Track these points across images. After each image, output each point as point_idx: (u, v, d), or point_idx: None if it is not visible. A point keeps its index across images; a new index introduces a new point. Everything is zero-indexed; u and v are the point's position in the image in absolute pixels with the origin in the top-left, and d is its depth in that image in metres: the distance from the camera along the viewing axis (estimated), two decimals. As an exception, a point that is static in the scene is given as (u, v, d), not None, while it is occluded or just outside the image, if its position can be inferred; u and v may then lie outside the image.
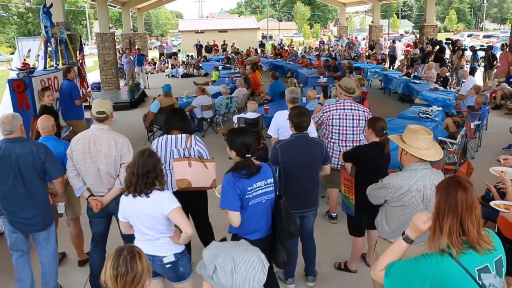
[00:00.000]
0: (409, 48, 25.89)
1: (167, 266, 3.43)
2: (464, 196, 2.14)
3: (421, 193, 3.22)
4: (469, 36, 43.66)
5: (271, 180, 3.58)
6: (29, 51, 10.96)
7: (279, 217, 3.58)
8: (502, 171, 4.76)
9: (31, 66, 8.68)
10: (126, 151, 4.21)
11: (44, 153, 4.20)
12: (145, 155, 3.33)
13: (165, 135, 4.62)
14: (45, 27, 10.24)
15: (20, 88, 7.65)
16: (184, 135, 4.55)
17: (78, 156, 4.19)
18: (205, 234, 4.90)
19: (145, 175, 3.26)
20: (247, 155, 3.47)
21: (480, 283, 2.11)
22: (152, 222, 3.33)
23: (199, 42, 34.18)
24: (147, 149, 3.46)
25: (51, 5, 10.42)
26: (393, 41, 25.63)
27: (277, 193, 3.64)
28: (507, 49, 16.00)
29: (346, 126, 5.77)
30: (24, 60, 9.77)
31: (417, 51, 20.14)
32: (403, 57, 24.29)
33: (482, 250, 2.12)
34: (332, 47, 30.40)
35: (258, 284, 1.64)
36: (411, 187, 3.21)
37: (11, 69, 9.11)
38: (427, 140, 3.19)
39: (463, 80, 13.54)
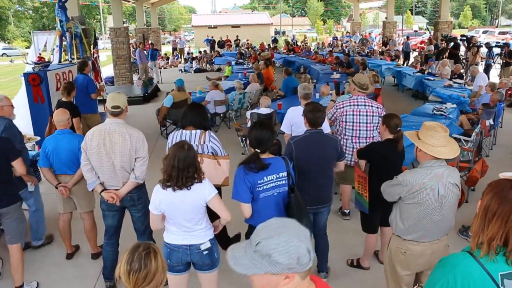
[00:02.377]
0: (423, 45, 25.69)
1: (205, 252, 3.49)
2: None
3: (436, 190, 3.18)
4: (484, 32, 43.13)
5: (284, 173, 3.61)
6: (45, 44, 11.05)
7: (290, 212, 3.59)
8: None
9: (47, 60, 8.75)
10: (141, 145, 4.23)
11: (3, 129, 4.97)
12: (185, 148, 3.32)
13: (180, 130, 4.60)
14: (60, 21, 10.30)
15: (36, 81, 7.72)
16: (198, 131, 4.50)
17: (93, 150, 4.20)
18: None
19: (185, 169, 3.28)
20: (256, 149, 3.54)
21: None
22: (193, 213, 3.38)
23: (212, 37, 34.19)
24: (185, 142, 3.46)
25: (66, 0, 10.46)
26: (407, 38, 25.47)
27: (290, 187, 3.65)
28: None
29: (359, 123, 5.74)
30: (40, 54, 9.85)
31: (432, 47, 19.96)
32: (416, 53, 24.13)
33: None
34: (345, 43, 30.27)
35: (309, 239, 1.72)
36: (426, 184, 3.18)
37: (27, 63, 9.20)
38: (442, 137, 3.17)
39: (474, 77, 13.38)
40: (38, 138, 5.78)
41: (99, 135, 4.18)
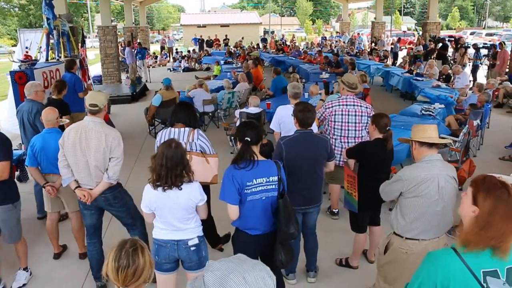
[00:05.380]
0: (411, 46, 25.88)
1: (192, 249, 3.50)
2: None
3: (435, 182, 3.27)
4: (471, 34, 43.60)
5: (275, 178, 3.52)
6: (30, 43, 10.92)
7: (278, 218, 3.54)
8: (499, 177, 4.79)
9: (33, 58, 8.65)
10: (116, 145, 4.17)
11: (35, 112, 5.86)
12: (172, 146, 3.32)
13: (169, 128, 4.59)
14: (48, 19, 10.18)
15: (22, 80, 7.61)
16: (187, 129, 4.49)
17: (69, 147, 4.17)
18: (207, 227, 4.87)
19: (174, 168, 3.28)
20: (245, 138, 3.47)
21: (485, 285, 2.04)
22: (183, 213, 3.41)
23: (201, 36, 34.08)
24: (173, 140, 3.46)
25: (54, -3, 10.35)
26: (399, 39, 25.64)
27: (280, 193, 3.56)
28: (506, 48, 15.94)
29: (348, 122, 5.75)
30: (27, 52, 9.73)
31: (420, 48, 20.10)
32: (405, 52, 24.31)
33: (499, 256, 2.05)
34: (334, 43, 30.37)
35: None
36: (425, 178, 3.28)
37: (13, 61, 9.08)
38: (432, 129, 3.42)
39: (458, 77, 13.51)
40: (67, 120, 6.01)
41: (76, 132, 4.16)
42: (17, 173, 6.86)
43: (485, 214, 2.08)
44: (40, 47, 10.33)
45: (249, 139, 3.47)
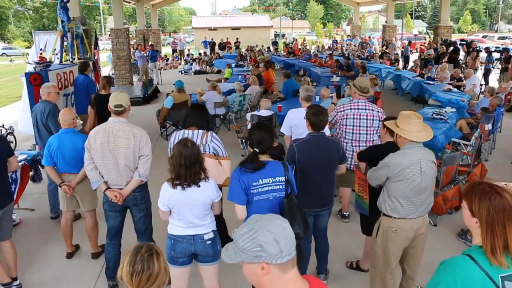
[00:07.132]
0: (423, 47, 25.80)
1: (208, 242, 3.61)
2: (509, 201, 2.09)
3: (418, 166, 3.60)
4: (483, 37, 43.31)
5: (282, 178, 3.57)
6: (45, 46, 11.06)
7: (283, 217, 3.56)
8: (505, 184, 4.80)
9: (48, 60, 8.77)
10: (144, 143, 4.26)
11: (48, 112, 5.98)
12: (189, 145, 3.42)
13: (182, 130, 4.64)
14: (62, 21, 10.31)
15: (37, 81, 7.72)
16: (200, 131, 4.55)
17: (97, 149, 4.21)
18: (219, 229, 4.91)
19: (192, 165, 3.39)
20: (255, 149, 3.55)
21: None
22: (201, 209, 3.51)
23: (212, 39, 34.19)
24: (188, 139, 3.54)
25: (68, 0, 10.47)
26: (409, 43, 25.54)
27: (287, 193, 3.60)
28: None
29: (359, 126, 5.76)
30: (41, 54, 9.86)
31: (431, 51, 20.00)
32: (416, 55, 24.21)
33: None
34: (345, 46, 30.36)
35: (294, 239, 1.79)
36: (409, 163, 3.61)
37: (28, 63, 9.21)
38: (417, 123, 3.67)
39: (469, 79, 13.50)
40: (81, 122, 6.43)
41: (103, 134, 4.21)
42: (31, 173, 6.95)
43: (485, 221, 2.11)
44: (55, 49, 10.45)
45: (257, 150, 3.56)
